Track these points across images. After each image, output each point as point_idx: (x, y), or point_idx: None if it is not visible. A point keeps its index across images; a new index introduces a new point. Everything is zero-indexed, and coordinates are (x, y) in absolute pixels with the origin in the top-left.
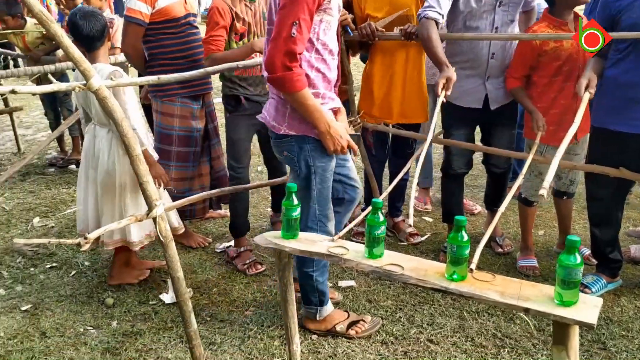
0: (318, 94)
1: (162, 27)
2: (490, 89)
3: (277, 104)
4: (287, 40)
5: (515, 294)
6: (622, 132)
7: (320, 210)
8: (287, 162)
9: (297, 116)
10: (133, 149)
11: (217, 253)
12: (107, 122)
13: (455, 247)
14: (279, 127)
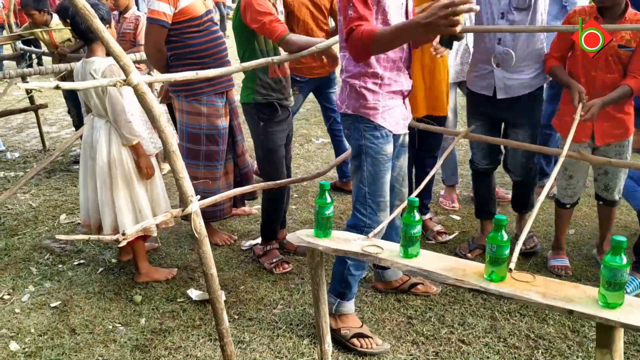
0: (376, 74)
1: (185, 26)
2: (499, 76)
3: (343, 85)
4: (346, 25)
5: (557, 295)
6: None
7: (371, 195)
8: (347, 139)
9: (353, 95)
10: (170, 145)
11: (243, 250)
12: (104, 114)
13: (494, 246)
14: (340, 105)
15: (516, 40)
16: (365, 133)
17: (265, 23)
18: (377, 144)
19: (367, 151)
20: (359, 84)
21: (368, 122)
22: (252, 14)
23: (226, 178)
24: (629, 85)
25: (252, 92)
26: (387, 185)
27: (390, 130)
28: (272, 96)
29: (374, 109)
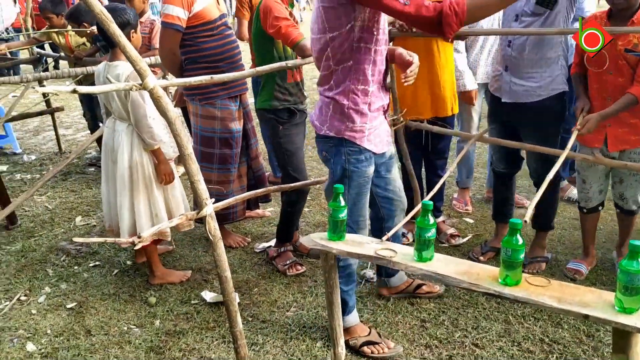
0: (367, 91)
1: (200, 30)
2: (507, 80)
3: (322, 105)
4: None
5: (572, 300)
6: None
7: (351, 216)
8: (325, 162)
9: (337, 117)
10: (185, 148)
11: (257, 253)
12: (126, 117)
13: (509, 250)
14: (320, 127)
15: (525, 45)
16: (350, 157)
17: (282, 28)
18: (360, 167)
19: (351, 175)
20: (347, 104)
21: (353, 146)
22: (269, 19)
23: (240, 181)
24: (633, 93)
25: (270, 98)
26: (366, 204)
27: (375, 152)
28: (289, 101)
29: (360, 132)
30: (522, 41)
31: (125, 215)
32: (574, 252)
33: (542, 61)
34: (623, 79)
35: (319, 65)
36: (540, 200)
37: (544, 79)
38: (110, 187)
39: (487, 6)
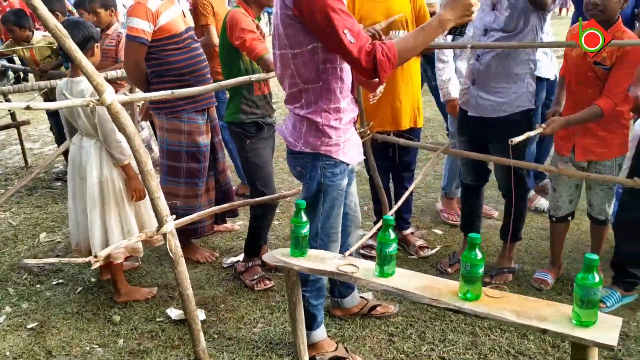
0: (338, 108)
1: (166, 43)
2: (474, 94)
3: (295, 121)
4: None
5: (532, 314)
6: None
7: (323, 229)
8: (299, 177)
9: (313, 133)
10: (145, 164)
11: (225, 268)
12: (94, 133)
13: (468, 265)
14: (295, 143)
15: (492, 60)
16: (325, 171)
17: (246, 40)
18: (335, 180)
19: (327, 189)
20: (321, 121)
21: (329, 159)
22: (235, 31)
23: (208, 195)
24: (598, 105)
25: (237, 111)
26: (339, 217)
27: (349, 163)
28: (257, 114)
29: (336, 145)
30: (489, 56)
31: (96, 233)
32: (540, 262)
33: (508, 77)
34: (592, 90)
35: (282, 82)
36: (507, 212)
37: (509, 95)
38: (79, 205)
39: (414, 48)
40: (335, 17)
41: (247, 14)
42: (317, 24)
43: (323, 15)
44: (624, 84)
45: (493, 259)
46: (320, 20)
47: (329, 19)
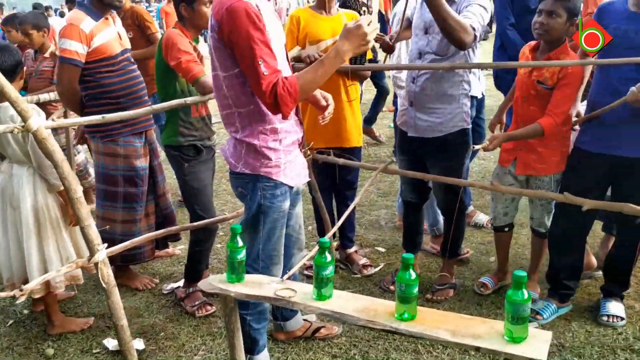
0: (275, 129)
1: (100, 65)
2: (412, 115)
3: (235, 143)
4: (260, 85)
5: (466, 332)
6: (589, 151)
7: (264, 251)
8: (240, 198)
9: (252, 155)
10: (75, 192)
11: (165, 294)
12: (26, 160)
13: (403, 285)
14: (235, 164)
15: (427, 82)
16: (265, 192)
17: (182, 62)
18: (275, 202)
19: (267, 211)
20: (259, 143)
21: (269, 181)
22: (171, 52)
23: (147, 220)
24: (540, 124)
25: (175, 134)
26: (281, 239)
27: (292, 186)
28: (195, 136)
29: (276, 167)
30: (424, 78)
31: (34, 263)
32: (480, 276)
33: (443, 98)
34: (534, 107)
35: (217, 103)
36: (446, 229)
37: (445, 115)
38: (11, 236)
39: (315, 81)
40: (254, 46)
41: (184, 35)
42: (236, 49)
43: (243, 42)
44: (566, 104)
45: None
46: (239, 46)
47: (249, 47)
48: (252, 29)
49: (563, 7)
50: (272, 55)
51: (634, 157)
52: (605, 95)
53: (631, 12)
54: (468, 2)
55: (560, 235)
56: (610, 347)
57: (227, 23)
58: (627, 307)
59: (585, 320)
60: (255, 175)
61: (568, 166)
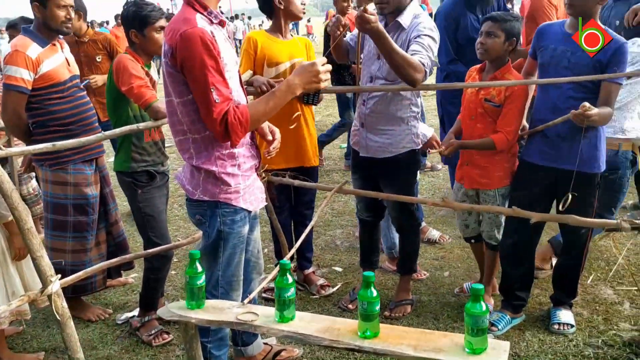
0: (233, 154)
1: (48, 92)
2: (363, 136)
3: (192, 170)
4: (211, 112)
5: (428, 346)
6: (535, 163)
7: (223, 277)
8: (198, 225)
9: (211, 181)
10: (25, 222)
11: (119, 325)
12: None
13: (365, 303)
14: (193, 191)
15: (377, 104)
16: (225, 218)
17: (134, 87)
18: (235, 228)
19: (226, 237)
20: (217, 170)
21: (228, 207)
22: (123, 77)
23: (98, 249)
24: (493, 139)
25: (128, 159)
26: (241, 264)
27: (250, 211)
28: (148, 161)
29: (235, 193)
30: (374, 101)
31: None
32: (436, 291)
33: (392, 120)
34: (481, 125)
35: (171, 129)
36: (401, 245)
37: (395, 136)
38: None
39: (265, 112)
40: (207, 73)
41: (136, 61)
42: (189, 75)
43: (196, 69)
44: (515, 121)
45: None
46: (192, 73)
47: (201, 74)
48: (206, 57)
49: (500, 28)
50: (225, 83)
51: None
52: (547, 112)
53: (567, 33)
54: (417, 32)
55: (511, 248)
56: (562, 354)
57: (181, 49)
58: (576, 315)
59: (537, 329)
60: (214, 202)
61: (515, 179)
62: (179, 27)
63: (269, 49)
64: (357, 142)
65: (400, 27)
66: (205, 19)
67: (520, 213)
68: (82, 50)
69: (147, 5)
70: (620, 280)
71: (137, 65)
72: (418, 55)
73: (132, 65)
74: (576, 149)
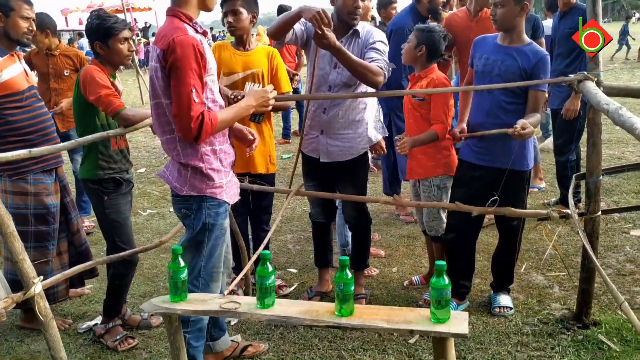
0: (215, 150)
1: (6, 101)
2: (324, 142)
3: (180, 167)
4: (189, 109)
5: (399, 320)
6: (472, 163)
7: (205, 268)
8: (183, 218)
9: (198, 177)
10: (7, 226)
11: (81, 334)
12: None
13: (342, 284)
14: (181, 188)
15: (337, 111)
16: (210, 211)
17: (102, 96)
18: (219, 220)
19: (212, 228)
20: (204, 166)
21: (213, 200)
22: (90, 86)
23: (60, 259)
24: (434, 130)
25: (94, 167)
26: (222, 257)
27: (230, 203)
28: (114, 169)
29: (219, 187)
30: (335, 109)
31: None
32: (387, 286)
33: (352, 124)
34: (412, 120)
35: (157, 131)
36: (355, 243)
37: (354, 139)
38: None
39: (229, 120)
40: (191, 75)
41: (102, 71)
42: (173, 75)
43: (182, 70)
44: (443, 110)
45: None
46: (177, 72)
47: (186, 75)
48: (193, 62)
49: (415, 36)
50: (202, 89)
51: (507, 168)
52: (482, 115)
53: (498, 44)
54: (373, 39)
55: (454, 242)
56: (504, 333)
57: (172, 51)
58: (514, 299)
59: (481, 313)
60: (200, 197)
61: (455, 178)
62: (171, 33)
63: (226, 60)
64: (315, 149)
65: (356, 35)
66: (192, 29)
67: (463, 208)
68: (52, 63)
69: (110, 17)
70: (549, 267)
71: (104, 76)
72: (376, 62)
73: (99, 75)
74: (508, 149)
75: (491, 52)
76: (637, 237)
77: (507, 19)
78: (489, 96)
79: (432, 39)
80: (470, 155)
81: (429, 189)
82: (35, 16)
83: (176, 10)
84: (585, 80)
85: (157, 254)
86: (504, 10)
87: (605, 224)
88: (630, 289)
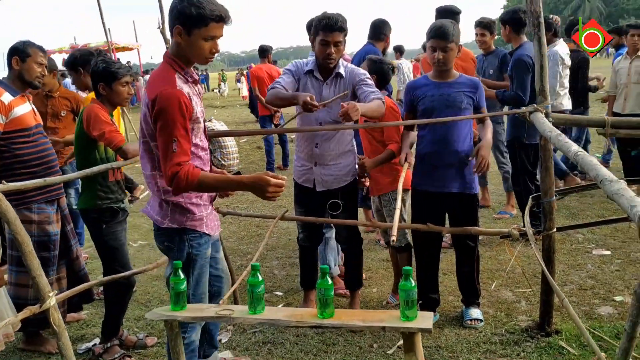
0: (200, 195)
1: (16, 136)
2: (317, 172)
3: (160, 202)
4: (171, 158)
5: (374, 319)
6: (427, 191)
7: (194, 295)
8: (166, 251)
9: (178, 211)
10: (27, 245)
11: (80, 354)
12: None
13: (323, 289)
14: (162, 220)
15: (329, 144)
16: (192, 242)
17: (106, 132)
18: (202, 250)
19: (195, 259)
20: (183, 201)
21: (194, 232)
22: (95, 123)
23: (59, 284)
24: (391, 149)
25: (94, 197)
26: (207, 283)
27: (211, 235)
28: (112, 199)
29: (200, 220)
30: (327, 143)
31: None
32: (367, 305)
33: (342, 154)
34: (367, 142)
35: (143, 165)
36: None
37: (345, 167)
38: None
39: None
40: (174, 127)
41: (103, 108)
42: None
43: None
44: (395, 130)
45: None
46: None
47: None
48: (178, 115)
49: (367, 66)
50: (188, 138)
51: (458, 192)
52: (436, 145)
53: (433, 82)
54: (359, 78)
55: (422, 259)
56: (475, 342)
57: (158, 104)
58: (484, 313)
59: (454, 326)
60: (181, 229)
61: (414, 208)
62: (160, 85)
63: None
64: (309, 179)
65: (340, 76)
66: (182, 78)
67: (433, 228)
68: (50, 103)
69: (114, 62)
70: (517, 285)
71: (106, 113)
72: (374, 94)
73: (102, 113)
74: (461, 174)
75: (434, 89)
76: (599, 255)
77: (452, 60)
78: (442, 127)
79: (382, 69)
80: (426, 184)
81: (389, 202)
82: None
83: (170, 58)
84: (536, 111)
85: (149, 281)
86: (449, 53)
87: (570, 245)
88: (590, 301)
